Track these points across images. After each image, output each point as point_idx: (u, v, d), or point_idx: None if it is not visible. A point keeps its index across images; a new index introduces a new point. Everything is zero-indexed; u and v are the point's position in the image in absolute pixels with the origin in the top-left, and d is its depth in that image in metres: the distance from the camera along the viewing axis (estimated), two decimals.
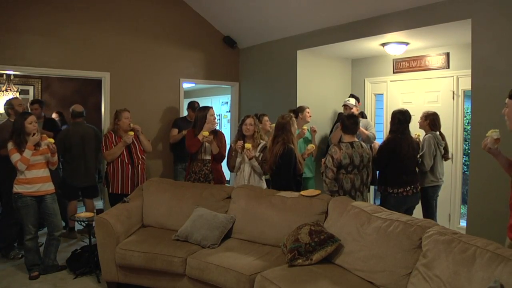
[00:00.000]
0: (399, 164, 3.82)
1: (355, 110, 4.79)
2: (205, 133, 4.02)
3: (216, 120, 4.29)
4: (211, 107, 4.29)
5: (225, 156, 4.29)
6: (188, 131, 4.33)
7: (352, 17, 4.58)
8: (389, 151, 3.85)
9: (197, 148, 4.12)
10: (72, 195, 4.90)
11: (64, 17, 4.87)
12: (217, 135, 4.23)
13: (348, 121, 3.66)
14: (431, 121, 4.26)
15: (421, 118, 4.36)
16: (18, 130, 3.65)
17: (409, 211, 3.91)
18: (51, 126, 5.19)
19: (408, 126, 3.94)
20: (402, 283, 2.40)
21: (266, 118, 4.76)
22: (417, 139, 4.15)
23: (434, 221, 4.15)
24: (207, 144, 4.12)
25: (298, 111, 4.80)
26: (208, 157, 4.20)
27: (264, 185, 4.11)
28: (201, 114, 4.18)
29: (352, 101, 4.92)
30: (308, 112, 4.83)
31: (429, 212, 4.22)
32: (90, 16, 5.05)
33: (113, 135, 4.36)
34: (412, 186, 3.86)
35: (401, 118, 3.89)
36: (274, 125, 4.34)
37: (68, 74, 5.13)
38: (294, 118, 3.97)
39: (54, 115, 6.35)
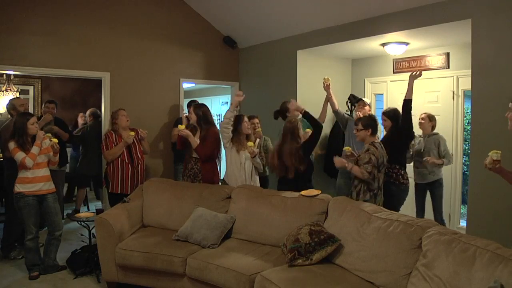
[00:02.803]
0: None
1: (367, 109, 4.75)
2: (181, 126, 4.05)
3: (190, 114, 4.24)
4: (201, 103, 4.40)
5: (209, 155, 4.08)
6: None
7: (352, 17, 4.58)
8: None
9: (181, 146, 4.24)
10: (84, 183, 5.91)
11: (64, 17, 4.87)
12: (208, 132, 4.08)
13: (375, 123, 3.68)
14: (435, 124, 4.39)
15: (424, 119, 4.38)
16: (20, 131, 3.64)
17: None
18: (62, 126, 5.23)
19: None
20: (402, 283, 2.40)
21: (256, 120, 4.70)
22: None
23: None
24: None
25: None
26: (197, 155, 4.14)
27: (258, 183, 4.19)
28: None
29: (368, 100, 4.89)
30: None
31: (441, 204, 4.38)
32: (90, 16, 5.05)
33: (114, 134, 4.36)
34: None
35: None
36: (259, 129, 4.41)
37: (68, 74, 5.13)
38: (300, 123, 3.96)
39: None
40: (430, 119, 4.38)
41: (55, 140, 3.79)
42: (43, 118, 4.87)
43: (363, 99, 4.84)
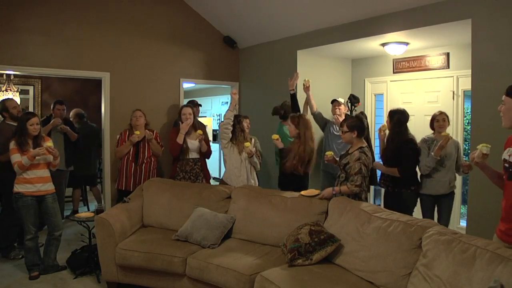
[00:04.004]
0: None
1: (342, 108, 4.73)
2: (199, 131, 4.23)
3: (190, 115, 4.36)
4: (184, 106, 4.56)
5: (211, 151, 4.64)
6: (172, 133, 4.47)
7: (352, 17, 4.58)
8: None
9: (178, 152, 4.31)
10: (77, 184, 5.89)
11: (64, 17, 4.86)
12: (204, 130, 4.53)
13: (362, 123, 3.46)
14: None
15: (444, 120, 3.91)
16: (20, 130, 3.65)
17: None
18: (70, 127, 5.27)
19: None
20: (402, 283, 2.40)
21: (247, 120, 4.70)
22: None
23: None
24: (190, 143, 4.29)
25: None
26: (196, 156, 4.38)
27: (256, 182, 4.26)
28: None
29: (342, 100, 4.87)
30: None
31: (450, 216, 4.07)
32: (90, 16, 5.04)
33: (127, 133, 4.54)
34: None
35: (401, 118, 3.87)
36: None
37: (68, 74, 5.12)
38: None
39: None
40: (448, 121, 3.95)
41: (50, 144, 3.71)
42: (51, 122, 4.94)
43: (337, 99, 4.79)
